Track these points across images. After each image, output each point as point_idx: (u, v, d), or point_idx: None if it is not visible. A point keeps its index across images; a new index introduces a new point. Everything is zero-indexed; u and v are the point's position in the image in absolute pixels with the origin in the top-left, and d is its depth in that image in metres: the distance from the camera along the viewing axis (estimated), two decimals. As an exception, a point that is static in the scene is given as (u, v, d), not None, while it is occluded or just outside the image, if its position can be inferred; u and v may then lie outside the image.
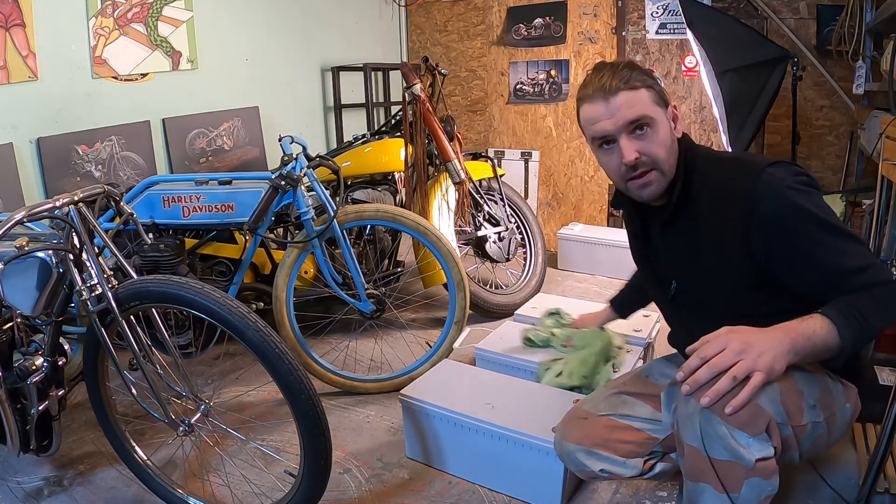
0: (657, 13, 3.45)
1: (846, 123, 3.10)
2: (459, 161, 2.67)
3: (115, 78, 2.86)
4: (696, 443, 1.07)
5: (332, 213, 2.07)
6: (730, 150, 2.64)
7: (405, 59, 4.44)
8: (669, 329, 1.50)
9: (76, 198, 1.37)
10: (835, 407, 1.18)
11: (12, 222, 1.26)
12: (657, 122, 1.19)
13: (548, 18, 3.80)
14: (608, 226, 3.81)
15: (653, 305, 1.65)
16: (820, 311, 1.06)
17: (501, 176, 3.01)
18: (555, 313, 2.10)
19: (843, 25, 2.75)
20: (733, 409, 1.00)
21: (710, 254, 1.22)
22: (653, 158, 1.20)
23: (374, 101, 3.95)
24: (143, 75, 2.97)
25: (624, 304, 1.87)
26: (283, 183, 2.07)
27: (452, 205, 2.77)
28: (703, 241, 1.23)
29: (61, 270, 1.41)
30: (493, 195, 2.94)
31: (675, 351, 1.51)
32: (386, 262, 2.64)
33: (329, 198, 2.10)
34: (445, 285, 2.30)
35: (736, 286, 1.22)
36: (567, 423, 1.45)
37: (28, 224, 1.41)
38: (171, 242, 2.06)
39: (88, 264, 1.39)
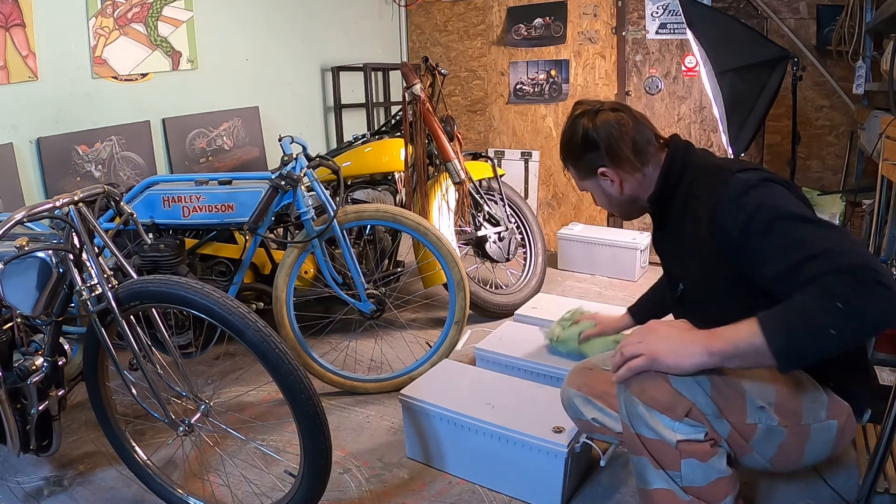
0: (657, 13, 3.45)
1: (846, 123, 3.10)
2: (459, 161, 2.67)
3: (115, 78, 2.86)
4: (625, 419, 1.18)
5: (332, 213, 2.07)
6: (730, 150, 2.64)
7: (405, 59, 4.44)
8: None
9: (76, 198, 1.37)
10: (804, 418, 1.17)
11: (12, 222, 1.26)
12: (589, 191, 1.45)
13: (548, 18, 3.80)
14: (608, 226, 3.81)
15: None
16: (757, 315, 1.02)
17: (501, 176, 3.01)
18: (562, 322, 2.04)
19: (843, 25, 2.75)
20: (618, 379, 1.15)
21: (694, 256, 1.28)
22: (604, 208, 1.48)
23: (374, 101, 3.95)
24: (143, 75, 2.97)
25: (642, 312, 1.84)
26: (283, 183, 2.07)
27: (452, 205, 2.77)
28: (688, 244, 1.30)
29: (61, 270, 1.41)
30: (493, 195, 2.94)
31: None
32: (386, 262, 2.64)
33: (329, 198, 2.10)
34: (445, 285, 2.30)
35: (721, 284, 1.24)
36: (573, 371, 1.52)
37: (28, 224, 1.41)
38: (171, 242, 2.06)
39: (88, 264, 1.39)
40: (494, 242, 2.85)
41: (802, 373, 1.21)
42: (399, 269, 2.72)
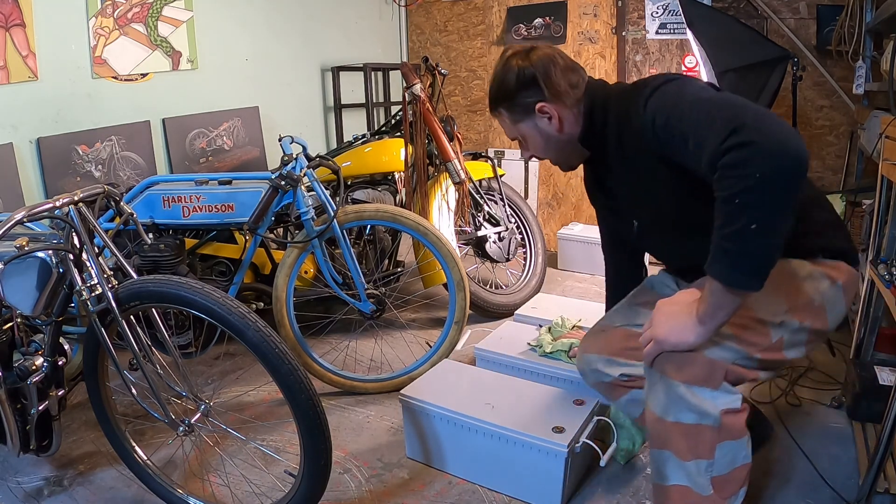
0: (657, 13, 3.45)
1: (846, 123, 3.10)
2: (459, 161, 2.67)
3: (115, 78, 2.86)
4: (658, 410, 1.17)
5: (332, 213, 2.07)
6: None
7: (405, 59, 4.44)
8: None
9: (76, 198, 1.37)
10: (815, 301, 1.22)
11: (12, 222, 1.26)
12: (525, 135, 1.39)
13: (548, 18, 3.80)
14: (608, 226, 3.81)
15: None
16: (706, 266, 1.05)
17: (501, 176, 3.01)
18: (553, 326, 2.11)
19: (843, 25, 2.75)
20: (646, 364, 1.18)
21: (641, 181, 1.28)
22: (540, 157, 1.44)
23: (374, 101, 3.95)
24: (143, 75, 2.97)
25: None
26: (283, 183, 2.07)
27: (452, 205, 2.77)
28: (633, 172, 1.29)
29: (61, 270, 1.41)
30: (493, 195, 2.94)
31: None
32: (386, 262, 2.64)
33: (329, 198, 2.10)
34: (445, 285, 2.30)
35: (675, 202, 1.25)
36: (587, 337, 1.55)
37: (28, 224, 1.41)
38: (171, 242, 2.06)
39: (88, 264, 1.39)
40: (494, 242, 2.85)
41: (789, 261, 1.23)
42: (399, 269, 2.72)
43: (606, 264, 1.80)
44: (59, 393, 1.52)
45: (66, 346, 1.54)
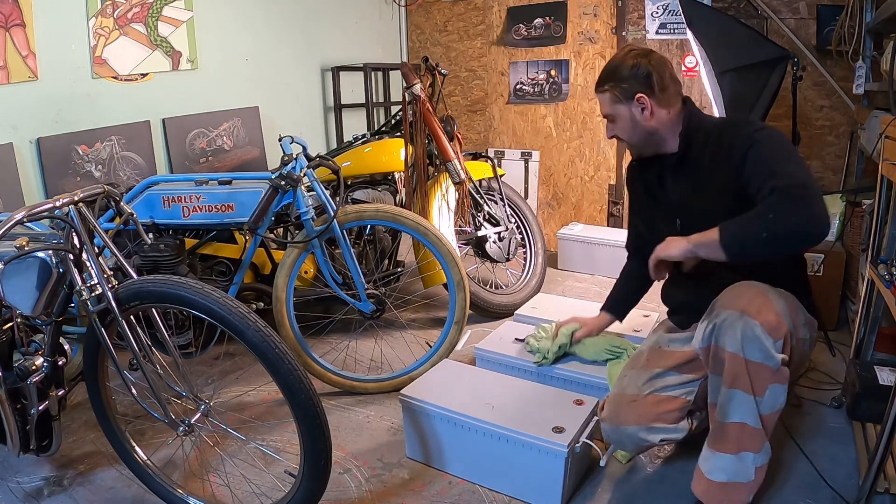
0: (657, 13, 3.45)
1: (846, 123, 3.10)
2: (459, 161, 2.67)
3: (115, 78, 2.86)
4: (735, 347, 1.33)
5: (332, 213, 2.07)
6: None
7: (405, 59, 4.44)
8: (665, 283, 1.79)
9: (76, 198, 1.37)
10: (812, 331, 1.54)
11: (12, 222, 1.26)
12: (617, 116, 1.61)
13: (548, 18, 3.80)
14: (608, 226, 3.81)
15: (650, 306, 1.73)
16: (722, 223, 1.34)
17: (501, 176, 3.01)
18: (540, 338, 2.08)
19: (843, 25, 2.75)
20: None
21: (709, 188, 1.52)
22: (622, 137, 1.64)
23: (374, 101, 3.95)
24: (143, 75, 2.97)
25: (618, 307, 1.97)
26: (283, 183, 2.07)
27: (452, 205, 2.77)
28: (705, 179, 1.54)
29: (61, 270, 1.41)
30: (493, 195, 2.94)
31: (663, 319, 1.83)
32: (386, 262, 2.64)
33: (329, 198, 2.10)
34: (445, 285, 2.30)
35: (727, 212, 1.45)
36: (618, 409, 1.59)
37: (28, 224, 1.41)
38: (171, 242, 2.06)
39: (88, 264, 1.39)
40: (494, 242, 2.85)
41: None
42: (399, 269, 2.72)
43: (626, 265, 1.97)
44: (59, 393, 1.52)
45: (66, 346, 1.54)
